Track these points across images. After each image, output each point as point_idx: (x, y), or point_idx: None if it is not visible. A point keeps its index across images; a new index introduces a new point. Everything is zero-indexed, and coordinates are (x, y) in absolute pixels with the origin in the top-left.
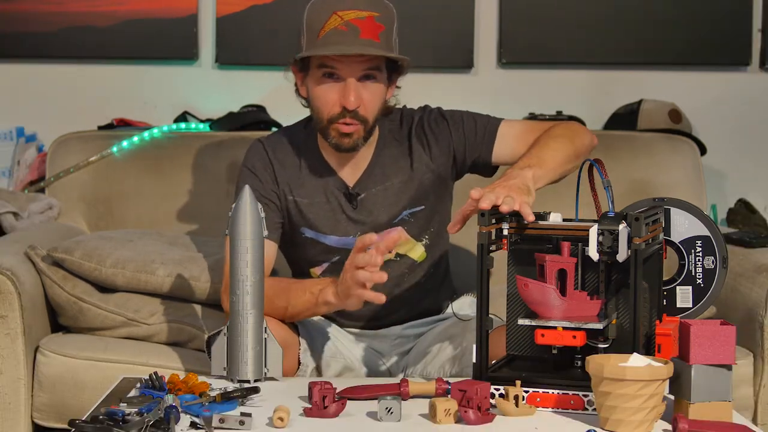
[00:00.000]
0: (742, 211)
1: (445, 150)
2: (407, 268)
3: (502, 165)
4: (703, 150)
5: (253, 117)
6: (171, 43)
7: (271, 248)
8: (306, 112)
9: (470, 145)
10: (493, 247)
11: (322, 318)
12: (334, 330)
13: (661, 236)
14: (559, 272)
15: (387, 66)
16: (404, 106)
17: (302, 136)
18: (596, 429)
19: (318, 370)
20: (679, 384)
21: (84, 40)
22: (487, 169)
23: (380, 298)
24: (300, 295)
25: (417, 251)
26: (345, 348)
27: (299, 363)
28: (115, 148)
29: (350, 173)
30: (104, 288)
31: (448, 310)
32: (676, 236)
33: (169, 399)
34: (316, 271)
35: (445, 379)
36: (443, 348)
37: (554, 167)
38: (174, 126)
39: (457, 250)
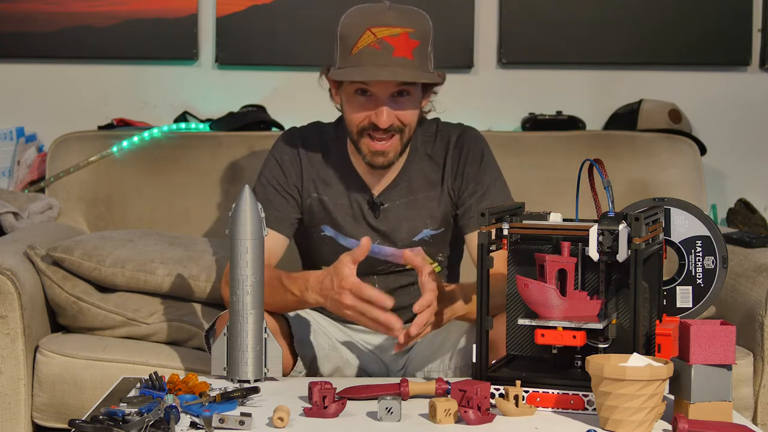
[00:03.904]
0: (742, 211)
1: (462, 185)
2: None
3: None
4: (703, 150)
5: (253, 117)
6: (171, 43)
7: (280, 243)
8: (311, 114)
9: (466, 213)
10: (493, 247)
11: (321, 313)
12: (331, 325)
13: (661, 236)
14: (559, 272)
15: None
16: (438, 119)
17: (333, 136)
18: (596, 429)
19: (315, 362)
20: (679, 384)
21: (84, 40)
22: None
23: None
24: (282, 294)
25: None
26: (342, 342)
27: (294, 355)
28: (115, 148)
29: (376, 181)
30: (104, 288)
31: None
32: (676, 236)
33: (169, 399)
34: None
35: (445, 379)
36: (443, 345)
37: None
38: (174, 126)
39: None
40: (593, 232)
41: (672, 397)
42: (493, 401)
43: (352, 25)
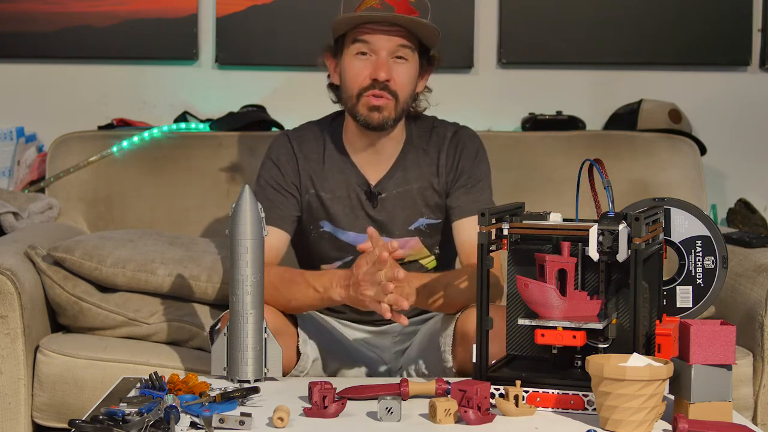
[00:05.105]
0: (742, 211)
1: (454, 177)
2: (415, 272)
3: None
4: (703, 150)
5: (253, 117)
6: (171, 43)
7: (283, 239)
8: (311, 114)
9: (453, 201)
10: (493, 247)
11: (324, 312)
12: (335, 324)
13: (661, 236)
14: (559, 272)
15: (420, 54)
16: (435, 117)
17: (328, 130)
18: (596, 429)
19: (318, 361)
20: (679, 384)
21: (84, 40)
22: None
23: (404, 321)
24: (304, 290)
25: (428, 259)
26: (345, 342)
27: (298, 353)
28: (115, 148)
29: (373, 171)
30: (104, 288)
31: None
32: (676, 236)
33: (169, 399)
34: (328, 268)
35: (445, 379)
36: (435, 340)
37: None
38: (174, 126)
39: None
40: (593, 232)
41: (672, 397)
42: (493, 401)
43: None
